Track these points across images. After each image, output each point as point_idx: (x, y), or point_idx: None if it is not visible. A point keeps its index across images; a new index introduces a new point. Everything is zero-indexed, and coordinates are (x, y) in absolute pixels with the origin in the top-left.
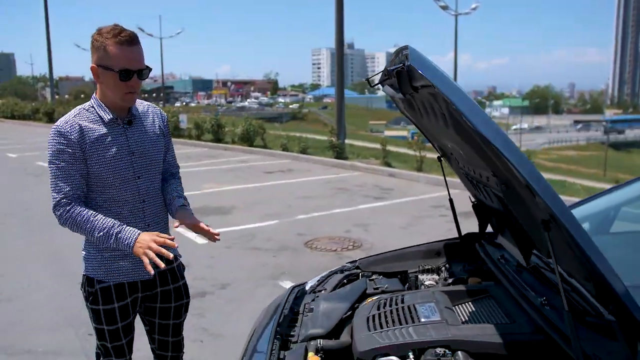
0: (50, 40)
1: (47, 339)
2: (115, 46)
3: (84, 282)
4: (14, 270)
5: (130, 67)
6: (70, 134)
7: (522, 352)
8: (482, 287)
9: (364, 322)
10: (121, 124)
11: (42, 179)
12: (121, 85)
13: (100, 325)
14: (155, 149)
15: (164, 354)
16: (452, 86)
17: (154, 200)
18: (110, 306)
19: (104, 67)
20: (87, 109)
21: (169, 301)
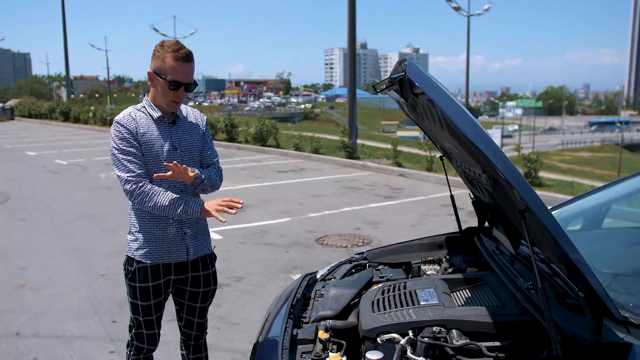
0: (67, 40)
1: (74, 325)
2: (173, 60)
3: (126, 262)
4: (39, 262)
5: (181, 79)
6: (128, 124)
7: (509, 330)
8: (478, 275)
9: (369, 305)
10: (167, 122)
11: (61, 176)
12: (170, 93)
13: (135, 300)
14: (195, 145)
15: (189, 331)
16: (442, 94)
17: (191, 190)
18: (145, 284)
19: (159, 75)
20: (139, 109)
21: (198, 286)
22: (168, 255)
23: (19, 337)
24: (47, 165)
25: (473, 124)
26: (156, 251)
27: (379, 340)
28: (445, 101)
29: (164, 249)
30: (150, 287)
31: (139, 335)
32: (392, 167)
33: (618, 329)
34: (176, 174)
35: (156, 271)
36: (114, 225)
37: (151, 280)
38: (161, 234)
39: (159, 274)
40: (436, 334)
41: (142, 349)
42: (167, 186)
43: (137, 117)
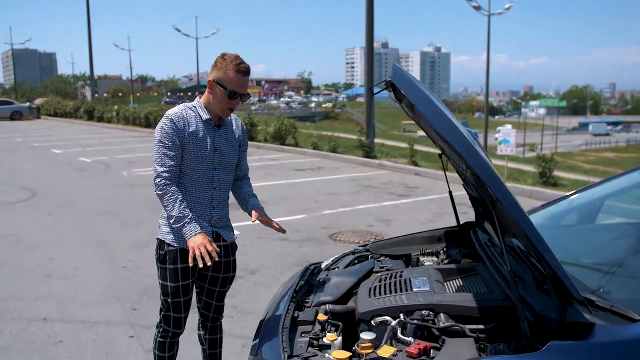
0: (92, 41)
1: (97, 312)
2: (234, 72)
3: (157, 245)
4: (65, 254)
5: (239, 90)
6: (177, 122)
7: (493, 315)
8: (471, 266)
9: (367, 291)
10: (213, 125)
11: (86, 173)
12: (226, 101)
13: (165, 282)
14: (232, 150)
15: (207, 313)
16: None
17: (223, 190)
18: (174, 266)
19: (219, 84)
20: (191, 108)
21: (218, 271)
22: None
23: (46, 321)
24: (72, 163)
25: (450, 124)
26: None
27: (373, 323)
28: (423, 103)
29: None
30: (179, 269)
31: (166, 318)
32: (408, 166)
33: (585, 310)
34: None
35: (185, 254)
36: (136, 221)
37: (180, 263)
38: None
39: (187, 257)
40: (424, 317)
41: (169, 332)
42: (191, 196)
43: (187, 116)
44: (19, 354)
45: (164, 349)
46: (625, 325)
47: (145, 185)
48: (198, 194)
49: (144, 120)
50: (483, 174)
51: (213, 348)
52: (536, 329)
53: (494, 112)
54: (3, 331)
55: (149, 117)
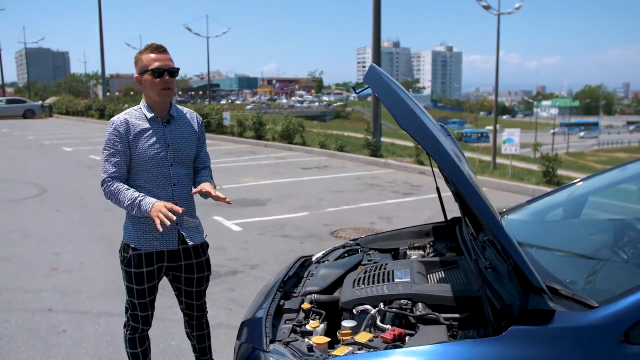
0: (103, 40)
1: (100, 303)
2: (148, 54)
3: (122, 248)
4: (71, 249)
5: (161, 66)
6: (119, 127)
7: (469, 304)
8: (453, 259)
9: (351, 282)
10: (160, 122)
11: (95, 171)
12: (156, 83)
13: (130, 284)
14: (188, 144)
15: (191, 313)
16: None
17: (183, 186)
18: (140, 270)
19: (143, 72)
20: (136, 109)
21: (192, 273)
22: (160, 243)
23: (50, 312)
24: (81, 161)
25: (417, 121)
26: (149, 239)
27: (354, 311)
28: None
29: (157, 237)
30: (144, 273)
31: (134, 317)
32: (413, 165)
33: (545, 297)
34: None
35: (149, 258)
36: None
37: (145, 266)
38: (154, 224)
39: (152, 260)
40: (402, 306)
41: (137, 328)
42: (151, 196)
43: (131, 117)
44: (23, 342)
45: (135, 345)
46: (584, 312)
47: None
48: (158, 193)
49: None
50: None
51: (202, 342)
52: (503, 317)
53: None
54: (9, 321)
55: None
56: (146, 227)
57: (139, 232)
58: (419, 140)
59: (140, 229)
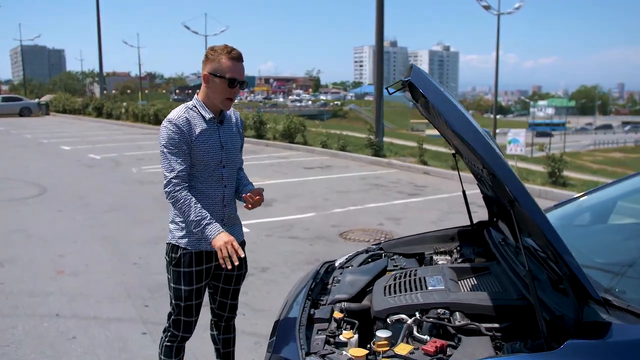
0: (101, 38)
1: (109, 308)
2: (228, 59)
3: (169, 250)
4: (75, 250)
5: (237, 77)
6: (181, 125)
7: (508, 314)
8: (485, 265)
9: (382, 289)
10: (216, 122)
11: (95, 170)
12: (227, 91)
13: (179, 286)
14: (237, 145)
15: (222, 313)
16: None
17: (232, 186)
18: (190, 269)
19: (216, 75)
20: (192, 108)
21: (232, 269)
22: (208, 243)
23: (59, 317)
24: (81, 160)
25: (468, 123)
26: (198, 240)
27: (388, 321)
28: (442, 104)
29: (207, 239)
30: (194, 272)
31: (176, 322)
32: (417, 165)
33: (602, 310)
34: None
35: (199, 257)
36: (146, 218)
37: (195, 266)
38: None
39: (202, 260)
40: (440, 315)
41: (177, 336)
42: (203, 197)
43: (191, 117)
44: (32, 349)
45: (171, 354)
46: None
47: (156, 182)
48: (210, 193)
49: (153, 117)
50: (501, 174)
51: (227, 347)
52: (553, 328)
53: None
54: (16, 327)
55: (158, 114)
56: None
57: (187, 233)
58: (469, 140)
59: (188, 230)
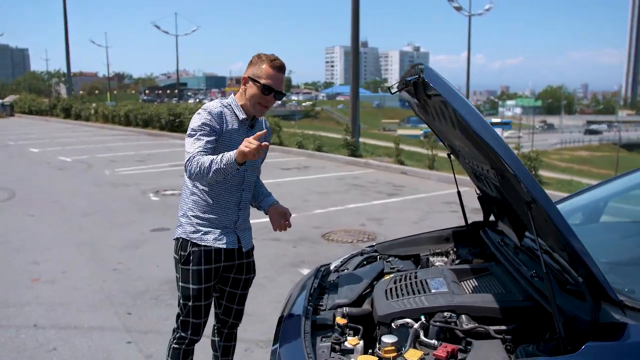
0: (68, 36)
1: (90, 317)
2: (269, 67)
3: (179, 246)
4: (51, 257)
5: (273, 86)
6: (217, 116)
7: (514, 315)
8: (484, 266)
9: (383, 293)
10: (247, 125)
11: (66, 172)
12: (261, 98)
13: (187, 284)
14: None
15: (226, 319)
16: (456, 97)
17: (249, 191)
18: (199, 267)
19: (254, 79)
20: (226, 106)
21: (241, 273)
22: (221, 240)
23: (37, 328)
24: (51, 162)
25: (484, 124)
26: (211, 235)
27: (393, 325)
28: (459, 103)
29: (218, 235)
30: (203, 271)
31: (184, 324)
32: (394, 165)
33: (614, 310)
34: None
35: (209, 255)
36: (123, 221)
37: (204, 264)
38: (217, 221)
39: (211, 258)
40: (447, 319)
41: (185, 338)
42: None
43: (225, 113)
44: None
45: (179, 357)
46: None
47: (130, 184)
48: (227, 196)
49: (124, 119)
50: (521, 174)
51: (226, 355)
52: (567, 330)
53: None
54: None
55: (129, 115)
56: (207, 222)
57: (198, 228)
58: (491, 142)
59: (201, 225)
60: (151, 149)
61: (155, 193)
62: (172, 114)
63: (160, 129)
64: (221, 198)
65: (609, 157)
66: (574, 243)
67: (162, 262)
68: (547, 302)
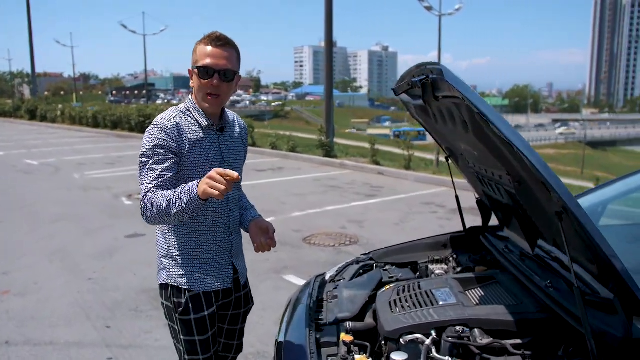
0: (33, 36)
1: (66, 331)
2: (204, 45)
3: (170, 293)
4: (21, 266)
5: (211, 64)
6: (171, 132)
7: (529, 328)
8: (489, 274)
9: (387, 306)
10: (215, 130)
11: (34, 176)
12: (203, 84)
13: (192, 337)
14: (240, 157)
15: (227, 354)
16: (479, 99)
17: (237, 209)
18: (201, 314)
19: (193, 67)
20: (184, 112)
21: (239, 307)
22: (219, 279)
23: (9, 345)
24: (17, 166)
25: (512, 128)
26: (206, 275)
27: (402, 341)
28: (484, 106)
29: (213, 273)
30: (207, 317)
31: None
32: (370, 166)
33: None
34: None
35: (209, 297)
36: (95, 227)
37: (207, 308)
38: (207, 255)
39: (212, 299)
40: (460, 334)
41: None
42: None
43: (183, 123)
44: None
45: None
46: None
47: (100, 188)
48: (212, 222)
49: (92, 120)
50: (553, 183)
51: None
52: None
53: None
54: None
55: (97, 116)
56: (198, 261)
57: (189, 270)
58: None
59: (190, 266)
60: (121, 151)
61: (128, 197)
62: (142, 115)
63: (130, 131)
64: (204, 227)
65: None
66: (609, 255)
67: (138, 270)
68: (567, 314)
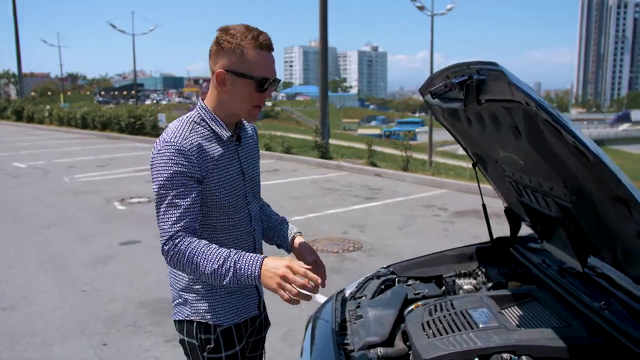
0: (19, 35)
1: (60, 349)
2: (255, 50)
3: (195, 330)
4: (12, 277)
5: (270, 76)
6: (190, 154)
7: (583, 354)
8: (526, 291)
9: (420, 329)
10: (233, 142)
11: (22, 180)
12: (255, 96)
13: None
14: (257, 168)
15: None
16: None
17: (259, 226)
18: (233, 350)
19: (238, 73)
20: (199, 123)
21: (260, 332)
22: (245, 308)
23: None
24: (4, 169)
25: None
26: (234, 307)
27: None
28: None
29: (242, 302)
30: (238, 353)
31: None
32: (367, 167)
33: None
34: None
35: (239, 329)
36: (88, 233)
37: (237, 343)
38: (236, 287)
39: (241, 331)
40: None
41: None
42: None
43: (202, 140)
44: None
45: None
46: None
47: (92, 192)
48: (234, 240)
49: (80, 121)
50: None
51: None
52: None
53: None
54: None
55: (86, 117)
56: (225, 292)
57: (215, 304)
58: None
59: (217, 299)
60: (112, 153)
61: (121, 201)
62: (132, 116)
63: (120, 132)
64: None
65: None
66: None
67: (135, 280)
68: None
